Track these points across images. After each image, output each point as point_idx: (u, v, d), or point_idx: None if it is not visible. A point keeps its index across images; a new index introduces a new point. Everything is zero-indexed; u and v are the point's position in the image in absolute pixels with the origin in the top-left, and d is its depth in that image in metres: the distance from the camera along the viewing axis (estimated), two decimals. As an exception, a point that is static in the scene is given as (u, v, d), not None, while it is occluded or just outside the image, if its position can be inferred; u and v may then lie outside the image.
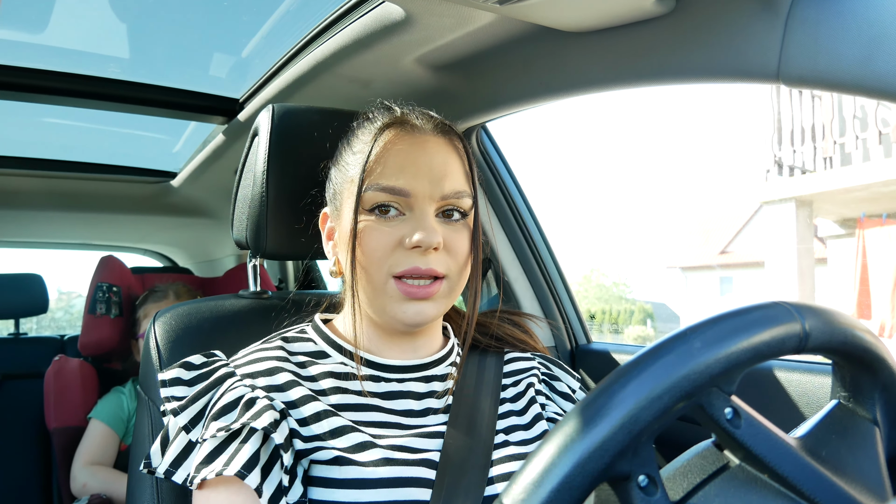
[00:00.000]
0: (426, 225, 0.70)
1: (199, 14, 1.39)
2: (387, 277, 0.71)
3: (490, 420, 0.76)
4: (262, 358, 0.74)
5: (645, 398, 0.37)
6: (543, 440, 0.37)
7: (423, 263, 0.70)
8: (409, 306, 0.71)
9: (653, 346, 0.40)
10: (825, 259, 8.18)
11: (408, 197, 0.72)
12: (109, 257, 2.00)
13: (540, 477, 0.36)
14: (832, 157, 6.66)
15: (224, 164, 1.85)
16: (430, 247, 0.70)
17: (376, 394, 0.75)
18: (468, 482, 0.68)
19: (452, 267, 0.73)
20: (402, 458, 0.68)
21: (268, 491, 0.62)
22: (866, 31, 0.58)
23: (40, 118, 1.80)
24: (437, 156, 0.74)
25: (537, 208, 1.46)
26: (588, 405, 0.38)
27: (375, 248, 0.71)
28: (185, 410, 0.70)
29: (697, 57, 0.76)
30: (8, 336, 2.25)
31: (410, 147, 0.74)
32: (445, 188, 0.73)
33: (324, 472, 0.66)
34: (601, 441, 0.36)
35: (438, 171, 0.73)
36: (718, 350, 0.39)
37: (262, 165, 0.88)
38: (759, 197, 7.39)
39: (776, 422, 0.98)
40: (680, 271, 20.03)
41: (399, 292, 0.71)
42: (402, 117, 0.77)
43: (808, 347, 0.43)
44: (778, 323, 0.42)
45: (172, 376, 0.73)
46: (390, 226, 0.72)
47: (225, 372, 0.73)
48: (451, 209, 0.74)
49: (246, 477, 0.62)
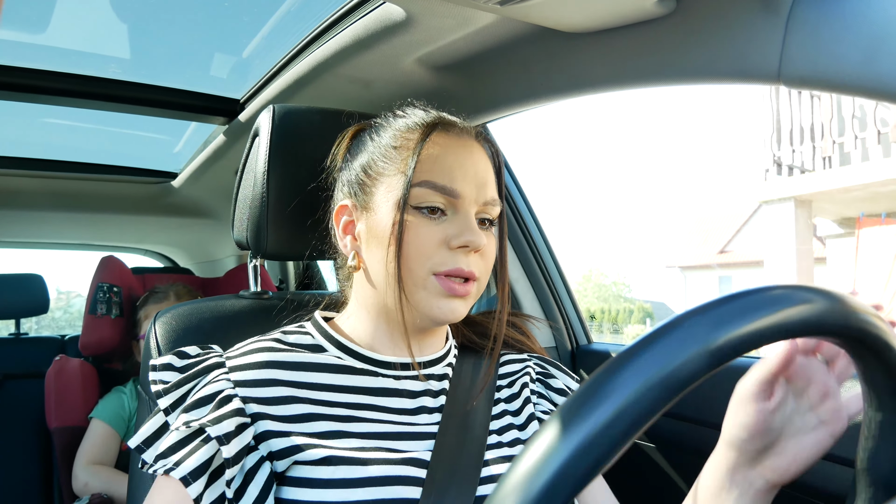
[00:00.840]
0: (473, 227, 0.72)
1: (200, 14, 1.39)
2: (427, 274, 0.72)
3: (484, 420, 0.76)
4: (255, 350, 0.75)
5: (636, 393, 0.36)
6: (529, 440, 0.37)
7: (465, 265, 0.71)
8: (446, 303, 0.72)
9: (645, 336, 0.39)
10: (824, 258, 8.19)
11: (457, 199, 0.73)
12: (110, 257, 2.00)
13: (525, 478, 0.35)
14: (831, 157, 6.67)
15: (225, 164, 1.85)
16: (477, 248, 0.72)
17: (371, 390, 0.75)
18: (460, 482, 0.69)
19: (483, 270, 0.75)
20: (391, 457, 0.68)
21: (207, 500, 0.64)
22: (867, 31, 0.58)
23: (41, 118, 1.80)
24: (480, 162, 0.76)
25: (537, 208, 1.47)
26: (573, 404, 0.37)
27: (421, 245, 0.71)
28: (169, 394, 0.71)
29: (698, 58, 0.76)
30: (9, 336, 2.25)
31: (459, 149, 0.75)
32: (487, 195, 0.75)
33: (309, 472, 0.66)
34: (588, 439, 0.35)
35: (482, 176, 0.75)
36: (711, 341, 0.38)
37: (262, 166, 0.88)
38: (758, 196, 7.40)
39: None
40: (679, 270, 20.05)
41: (441, 288, 0.71)
42: (445, 118, 0.78)
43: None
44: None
45: (164, 362, 0.74)
46: (436, 224, 0.72)
47: (214, 362, 0.74)
48: (485, 217, 0.76)
49: (190, 484, 0.63)
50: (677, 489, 1.15)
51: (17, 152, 1.98)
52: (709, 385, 1.11)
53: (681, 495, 1.14)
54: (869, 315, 0.43)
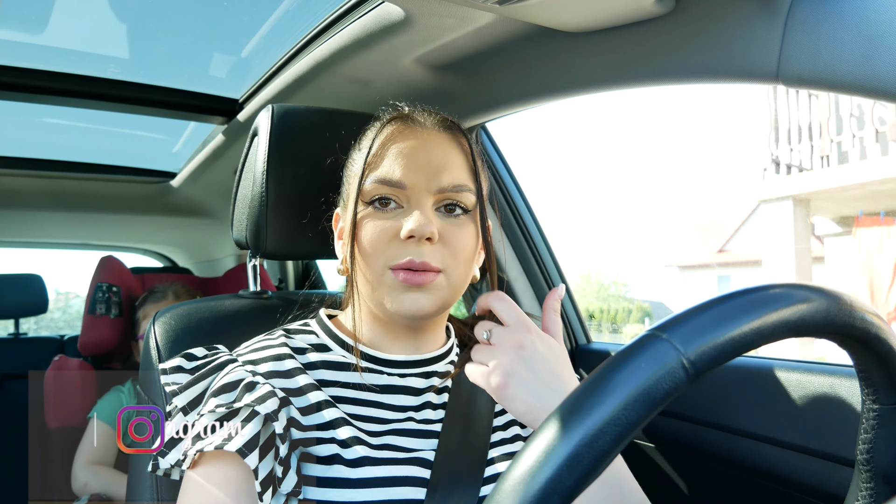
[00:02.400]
0: (418, 217, 0.70)
1: (199, 14, 1.39)
2: (384, 268, 0.71)
3: (487, 418, 0.76)
4: (266, 346, 0.75)
5: (632, 392, 0.36)
6: (528, 441, 0.37)
7: (417, 256, 0.70)
8: (406, 296, 0.71)
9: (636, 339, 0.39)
10: (822, 257, 8.19)
11: (404, 189, 0.72)
12: (109, 257, 2.00)
13: (524, 478, 0.35)
14: (829, 156, 6.67)
15: (224, 164, 1.85)
16: (423, 236, 0.70)
17: (374, 388, 0.75)
18: (464, 480, 0.69)
19: (450, 261, 0.72)
20: (396, 457, 0.69)
21: (262, 475, 0.62)
22: (866, 31, 0.58)
23: (40, 118, 1.79)
24: (436, 150, 0.74)
25: (536, 208, 1.47)
26: (571, 403, 0.37)
27: (372, 239, 0.72)
28: (185, 392, 0.70)
29: (697, 57, 0.76)
30: (8, 336, 2.25)
31: (411, 141, 0.74)
32: (443, 181, 0.72)
33: (316, 471, 0.66)
34: (586, 440, 0.35)
35: (437, 164, 0.73)
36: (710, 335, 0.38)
37: (261, 165, 0.88)
38: (756, 195, 7.40)
39: (776, 421, 0.98)
40: (678, 270, 20.05)
41: (396, 280, 0.71)
42: (405, 114, 0.78)
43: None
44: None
45: (174, 365, 0.74)
46: (388, 217, 0.72)
47: (227, 359, 0.74)
48: (453, 204, 0.74)
49: (247, 456, 0.61)
50: (677, 489, 1.15)
51: (16, 152, 1.98)
52: (709, 385, 1.11)
53: (681, 495, 1.15)
54: (865, 312, 0.43)
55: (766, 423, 0.96)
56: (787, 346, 6.18)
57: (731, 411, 1.02)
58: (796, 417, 0.92)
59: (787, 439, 0.92)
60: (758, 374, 0.99)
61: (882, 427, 0.47)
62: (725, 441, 1.02)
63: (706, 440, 1.06)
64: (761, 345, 0.40)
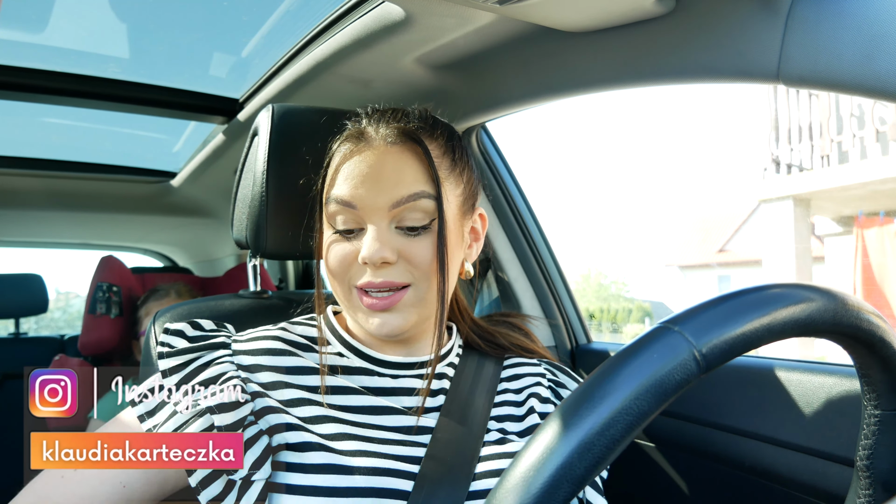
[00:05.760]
0: (370, 243, 0.70)
1: (199, 14, 1.39)
2: (350, 288, 0.73)
3: (483, 418, 0.76)
4: (261, 337, 0.77)
5: (644, 382, 0.36)
6: (529, 439, 0.37)
7: (376, 277, 0.71)
8: (374, 318, 0.72)
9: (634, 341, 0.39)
10: (822, 257, 8.19)
11: (356, 209, 0.72)
12: (109, 257, 2.00)
13: (536, 464, 0.35)
14: (829, 156, 6.66)
15: (224, 163, 1.85)
16: (375, 263, 0.70)
17: (369, 388, 0.75)
18: (454, 476, 0.69)
19: (417, 274, 0.72)
20: (384, 451, 0.69)
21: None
22: (866, 30, 0.58)
23: (40, 118, 1.80)
24: (386, 165, 0.73)
25: (537, 208, 1.46)
26: (583, 391, 0.37)
27: (334, 263, 0.74)
28: (171, 357, 0.72)
29: (697, 57, 0.76)
30: (8, 336, 2.25)
31: (360, 160, 0.74)
32: (395, 195, 0.71)
33: (298, 458, 0.67)
34: (597, 427, 0.35)
35: (388, 179, 0.72)
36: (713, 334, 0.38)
37: (261, 165, 0.88)
38: (756, 195, 7.39)
39: (776, 421, 0.98)
40: (678, 269, 20.05)
41: (362, 304, 0.72)
42: (356, 130, 0.77)
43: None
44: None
45: (178, 328, 0.75)
46: (348, 241, 0.73)
47: (221, 342, 0.75)
48: (413, 225, 0.72)
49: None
50: (677, 489, 1.15)
51: (16, 152, 1.98)
52: (709, 385, 1.11)
53: (681, 495, 1.15)
54: (867, 313, 0.43)
55: (767, 422, 0.96)
56: (787, 346, 6.17)
57: (732, 411, 1.02)
58: (796, 417, 0.92)
59: (787, 439, 0.92)
60: (758, 374, 0.99)
61: (882, 433, 0.47)
62: (725, 441, 1.02)
63: (706, 440, 1.06)
64: (770, 341, 0.40)
